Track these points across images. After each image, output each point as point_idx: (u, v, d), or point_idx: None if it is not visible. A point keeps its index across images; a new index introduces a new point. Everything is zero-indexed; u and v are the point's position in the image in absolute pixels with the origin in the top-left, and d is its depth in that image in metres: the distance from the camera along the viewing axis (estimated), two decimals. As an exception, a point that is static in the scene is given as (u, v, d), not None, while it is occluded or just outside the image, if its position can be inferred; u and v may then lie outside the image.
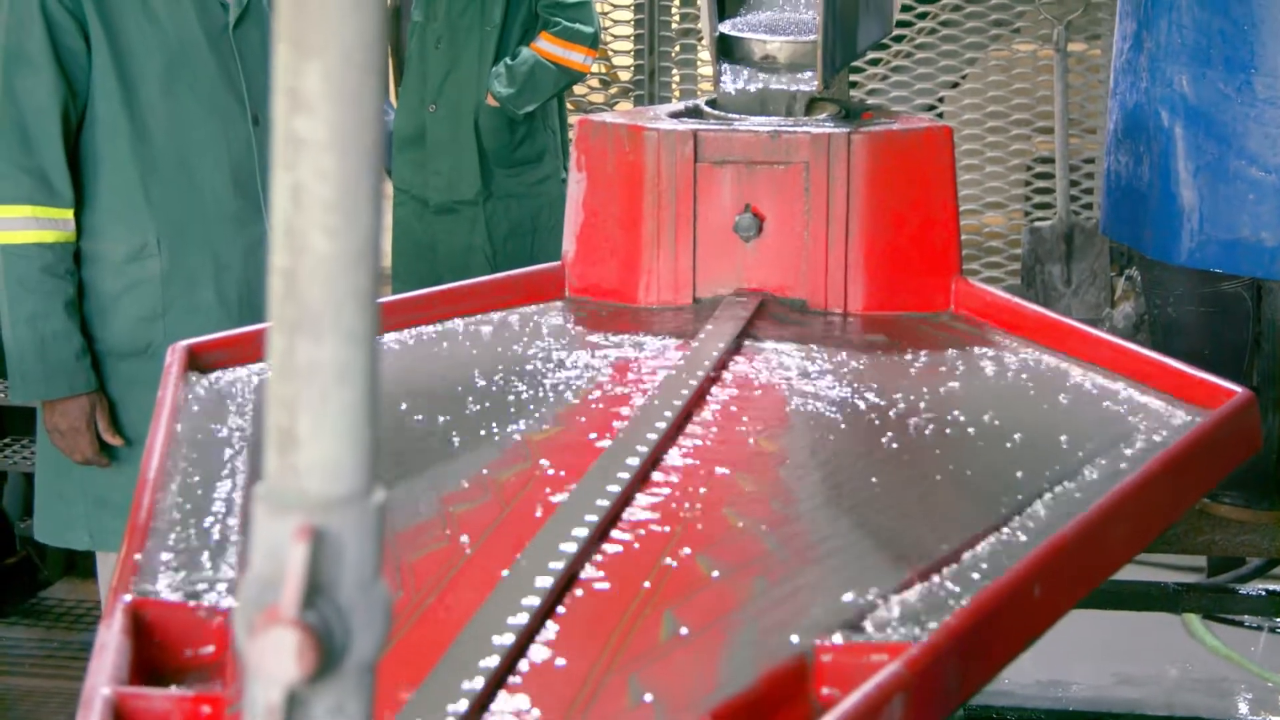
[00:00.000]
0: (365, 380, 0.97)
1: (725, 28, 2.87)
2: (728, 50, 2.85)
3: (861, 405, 2.15)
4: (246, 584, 0.95)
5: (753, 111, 2.80)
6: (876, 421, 2.10)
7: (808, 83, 2.80)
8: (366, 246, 0.96)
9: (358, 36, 0.93)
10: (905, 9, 6.29)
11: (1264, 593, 4.00)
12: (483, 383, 2.24)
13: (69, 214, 3.34)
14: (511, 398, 2.19)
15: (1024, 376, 2.29)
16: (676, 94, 6.78)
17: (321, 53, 0.93)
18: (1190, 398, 2.13)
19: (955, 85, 6.52)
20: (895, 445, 2.02)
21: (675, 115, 2.80)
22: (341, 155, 0.94)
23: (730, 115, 2.77)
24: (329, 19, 0.92)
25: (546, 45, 5.35)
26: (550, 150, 5.52)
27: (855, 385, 2.23)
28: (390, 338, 2.44)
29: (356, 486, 0.97)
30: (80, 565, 5.09)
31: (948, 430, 2.07)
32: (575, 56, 5.36)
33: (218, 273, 3.45)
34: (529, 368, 2.32)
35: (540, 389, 2.22)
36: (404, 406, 2.15)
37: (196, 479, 1.84)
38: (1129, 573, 2.45)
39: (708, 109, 2.82)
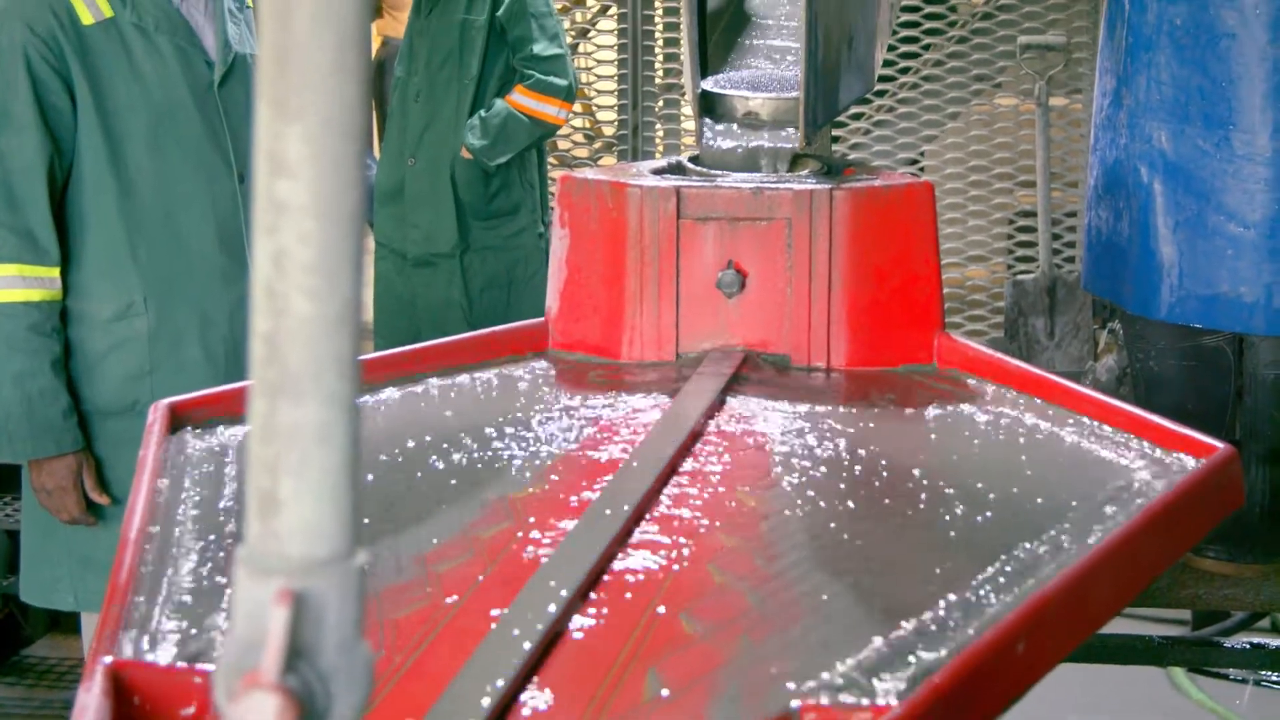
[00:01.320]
0: (346, 443, 0.97)
1: (708, 84, 2.88)
2: (710, 107, 2.86)
3: (844, 461, 2.15)
4: (227, 647, 0.95)
5: (735, 168, 2.80)
6: (860, 477, 2.10)
7: (790, 139, 2.81)
8: (348, 310, 0.96)
9: (339, 100, 0.93)
10: (887, 64, 6.33)
11: (1248, 646, 4.00)
12: (465, 440, 2.24)
13: (55, 272, 3.34)
14: (494, 455, 2.19)
15: (1006, 432, 2.29)
16: (660, 148, 6.81)
17: (303, 116, 0.93)
18: (1173, 454, 2.14)
19: (933, 139, 6.56)
20: (878, 501, 2.02)
21: (658, 171, 2.80)
22: (323, 219, 0.94)
23: (713, 171, 2.78)
24: (310, 83, 0.92)
25: (520, 98, 5.37)
26: (526, 203, 5.54)
27: (838, 441, 2.23)
28: (373, 395, 2.44)
29: (338, 549, 0.97)
30: (64, 622, 5.06)
31: (931, 486, 2.07)
32: (549, 109, 5.39)
33: (204, 330, 3.45)
34: (512, 424, 2.31)
35: (523, 446, 2.22)
36: (386, 464, 2.15)
37: (178, 539, 1.84)
38: (1114, 626, 2.45)
39: (690, 165, 2.83)
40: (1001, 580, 1.74)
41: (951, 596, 1.69)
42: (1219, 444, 2.09)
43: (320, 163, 0.93)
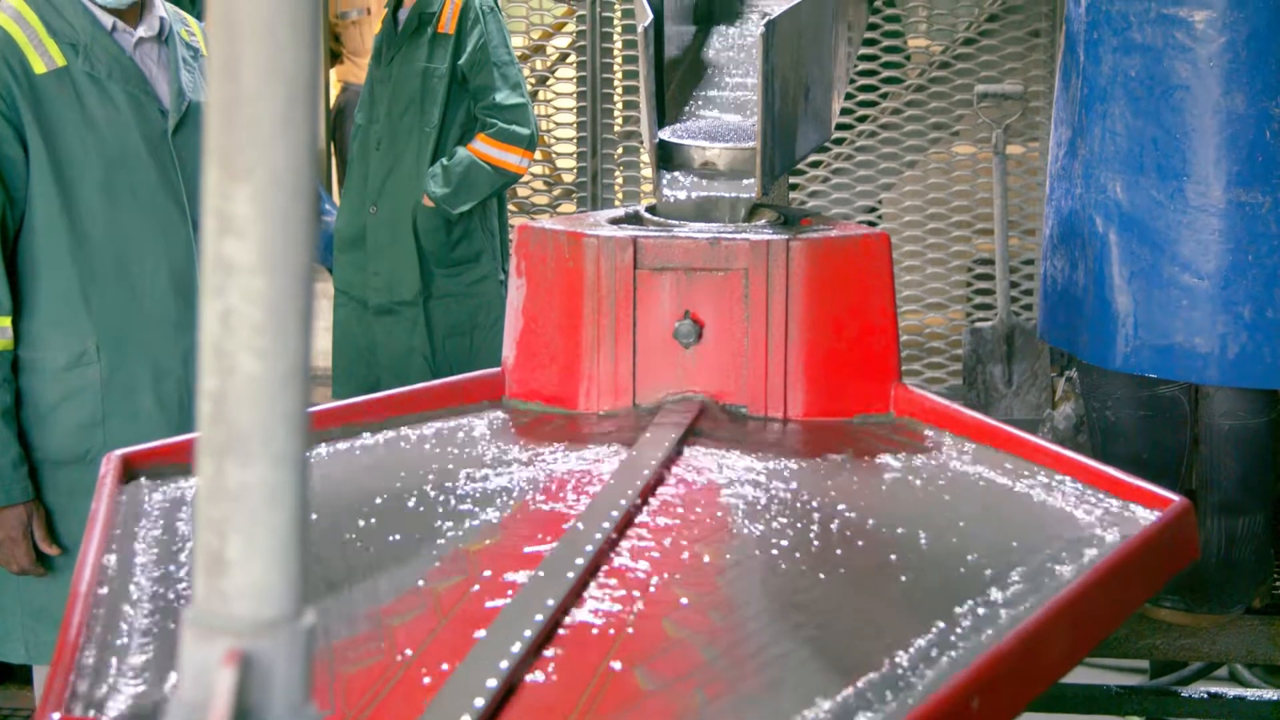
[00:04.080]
0: (295, 503, 0.97)
1: (665, 134, 2.88)
2: (667, 157, 2.86)
3: (800, 512, 2.15)
4: (174, 708, 0.94)
5: (692, 218, 2.81)
6: (815, 530, 2.09)
7: (747, 189, 2.81)
8: (296, 368, 0.95)
9: (287, 160, 0.93)
10: (845, 112, 6.35)
11: (1206, 695, 4.00)
12: (422, 491, 2.23)
13: (6, 322, 3.31)
14: (451, 506, 2.18)
15: (962, 485, 2.29)
16: (620, 196, 6.81)
17: (251, 176, 0.93)
18: (1128, 507, 2.14)
19: (890, 187, 6.58)
20: (834, 554, 2.02)
21: (615, 221, 2.81)
22: (271, 278, 0.93)
23: (670, 222, 2.78)
24: (258, 142, 0.92)
25: (482, 146, 5.37)
26: (487, 251, 5.54)
27: (795, 492, 2.23)
28: (329, 446, 2.43)
29: (286, 610, 0.96)
30: (19, 673, 5.00)
31: (887, 539, 2.07)
32: (511, 158, 5.39)
33: (157, 379, 3.43)
34: (468, 475, 2.30)
35: (480, 497, 2.21)
36: (341, 516, 2.14)
37: (130, 594, 1.82)
38: (1072, 675, 2.45)
39: (647, 215, 2.83)
40: (956, 635, 1.74)
41: (906, 651, 1.69)
42: (1174, 497, 2.09)
43: (268, 221, 0.93)
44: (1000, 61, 6.44)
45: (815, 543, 2.05)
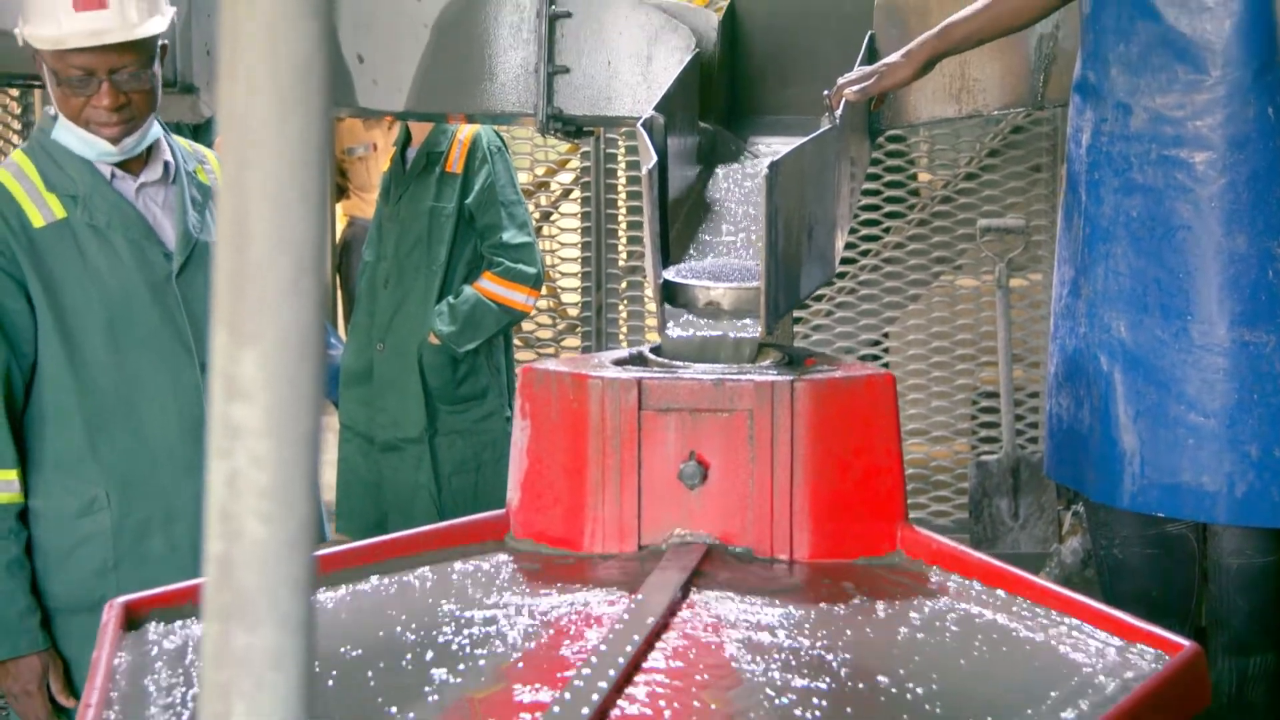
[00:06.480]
0: (300, 666, 0.96)
1: (670, 274, 2.89)
2: (672, 297, 2.87)
3: (807, 658, 2.13)
4: None
5: (697, 358, 2.81)
6: (822, 675, 2.08)
7: (752, 329, 2.82)
8: (303, 532, 0.95)
9: (295, 325, 0.93)
10: (849, 246, 6.38)
11: (1220, 837, 3.96)
12: (425, 636, 2.22)
13: (12, 475, 3.30)
14: (454, 651, 2.16)
15: (970, 630, 2.28)
16: (624, 329, 6.84)
17: (258, 340, 0.93)
18: (1138, 651, 2.13)
19: (894, 320, 6.60)
20: (841, 700, 2.00)
21: (619, 362, 2.81)
22: (278, 441, 0.94)
23: (674, 362, 2.78)
24: (266, 309, 0.92)
25: (489, 285, 5.41)
26: (493, 387, 5.56)
27: (802, 637, 2.21)
28: (332, 592, 2.42)
29: (290, 775, 0.95)
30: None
31: (894, 686, 2.05)
32: (517, 296, 5.42)
33: (168, 522, 3.40)
34: (472, 620, 2.29)
35: (484, 642, 2.20)
36: (345, 660, 2.12)
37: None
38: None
39: (652, 356, 2.84)
40: (967, 785, 1.72)
41: (916, 802, 1.67)
42: (1184, 641, 2.08)
43: (275, 386, 0.93)
44: (1002, 196, 6.49)
45: (822, 689, 2.04)
